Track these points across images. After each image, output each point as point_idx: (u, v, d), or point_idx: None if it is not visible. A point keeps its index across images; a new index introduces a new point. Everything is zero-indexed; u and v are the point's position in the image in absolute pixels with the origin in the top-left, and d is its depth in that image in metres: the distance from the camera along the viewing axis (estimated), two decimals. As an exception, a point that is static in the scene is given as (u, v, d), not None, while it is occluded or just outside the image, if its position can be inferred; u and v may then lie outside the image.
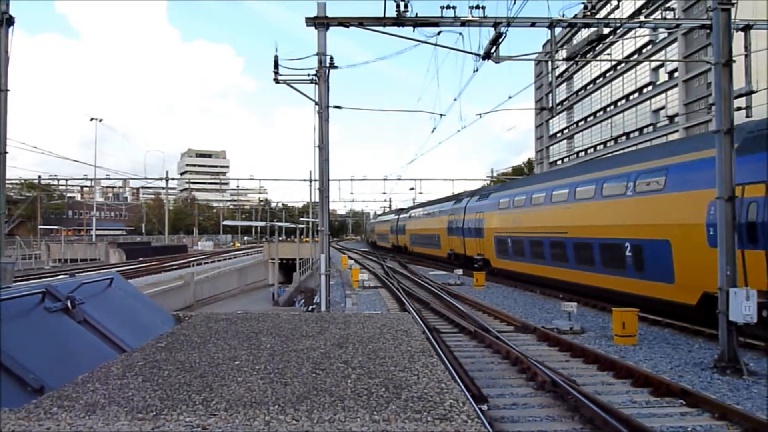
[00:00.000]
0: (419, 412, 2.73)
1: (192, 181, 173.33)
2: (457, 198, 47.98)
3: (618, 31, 19.50)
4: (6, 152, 17.44)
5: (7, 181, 18.75)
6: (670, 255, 17.87)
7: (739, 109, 15.82)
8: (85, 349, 4.31)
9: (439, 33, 19.01)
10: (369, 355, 3.87)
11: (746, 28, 18.36)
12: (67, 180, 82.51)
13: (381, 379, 3.26)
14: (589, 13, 18.85)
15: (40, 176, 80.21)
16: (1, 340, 3.66)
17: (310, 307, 31.08)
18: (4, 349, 3.64)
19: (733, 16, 13.69)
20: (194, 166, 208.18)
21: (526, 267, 29.79)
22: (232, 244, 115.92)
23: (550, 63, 19.75)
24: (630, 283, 20.22)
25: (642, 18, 22.84)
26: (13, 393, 3.43)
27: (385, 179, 77.82)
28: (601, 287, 22.24)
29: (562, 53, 27.94)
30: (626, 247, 20.29)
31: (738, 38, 16.19)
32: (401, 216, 71.11)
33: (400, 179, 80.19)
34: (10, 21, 17.47)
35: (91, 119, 74.59)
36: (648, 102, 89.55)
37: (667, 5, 25.80)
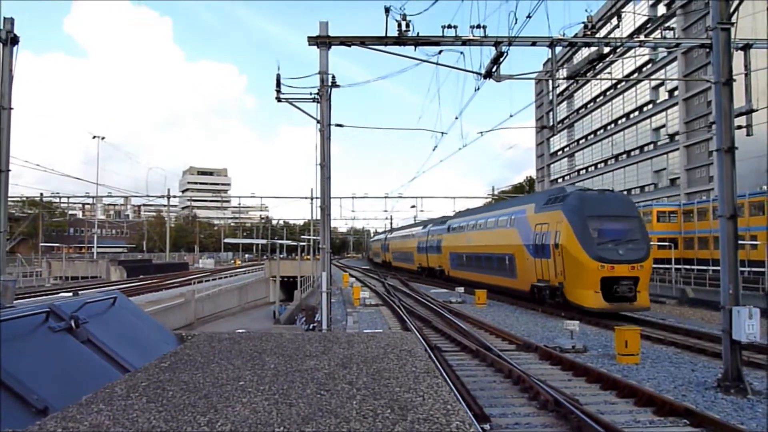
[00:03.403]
0: (425, 434, 2.72)
1: (193, 198, 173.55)
2: (384, 232, 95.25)
3: (618, 50, 19.62)
4: (9, 170, 17.53)
5: (9, 199, 18.80)
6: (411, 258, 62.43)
7: (739, 127, 15.91)
8: (88, 369, 4.30)
9: (440, 52, 19.17)
10: (373, 375, 3.85)
11: (746, 47, 18.50)
12: (68, 197, 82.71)
13: (386, 400, 3.24)
14: (589, 33, 18.98)
15: (42, 194, 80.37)
16: (1, 361, 3.66)
17: (311, 325, 31.00)
18: (7, 369, 3.63)
19: (732, 36, 13.79)
20: (196, 183, 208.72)
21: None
22: (233, 261, 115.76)
23: (550, 82, 19.85)
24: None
25: (642, 37, 22.97)
26: (17, 414, 3.42)
27: (386, 197, 78.08)
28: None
29: (563, 72, 28.07)
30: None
31: (738, 57, 16.29)
32: (383, 236, 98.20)
33: (401, 197, 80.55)
34: (15, 40, 17.63)
35: (94, 137, 74.73)
36: (648, 120, 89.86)
37: (666, 25, 25.97)
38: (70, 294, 5.84)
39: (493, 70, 18.65)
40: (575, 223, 25.69)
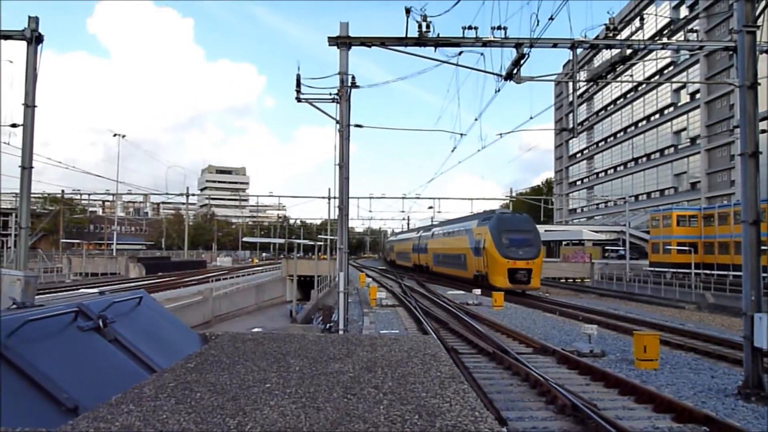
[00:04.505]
0: (454, 441, 2.72)
1: (212, 197, 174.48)
2: (392, 236, 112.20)
3: (639, 53, 19.46)
4: (32, 167, 17.75)
5: (31, 195, 19.03)
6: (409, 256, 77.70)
7: (763, 131, 15.72)
8: (116, 368, 4.35)
9: (460, 53, 19.08)
10: (399, 380, 3.86)
11: (771, 51, 18.25)
12: (89, 194, 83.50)
13: (413, 405, 3.25)
14: (611, 35, 18.82)
15: (63, 191, 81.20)
16: (32, 359, 3.71)
17: (328, 325, 31.06)
18: (38, 367, 3.69)
19: (758, 39, 13.64)
20: (214, 182, 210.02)
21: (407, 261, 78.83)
22: (250, 260, 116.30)
23: (571, 84, 19.74)
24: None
25: (664, 39, 22.77)
26: (49, 413, 3.47)
27: (403, 197, 78.09)
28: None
29: (584, 74, 27.92)
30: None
31: (762, 60, 16.09)
32: (392, 239, 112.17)
33: (418, 198, 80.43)
34: (40, 39, 17.84)
35: (114, 135, 75.56)
36: (669, 123, 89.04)
37: (689, 27, 25.73)
38: (95, 291, 5.92)
39: (514, 71, 18.56)
40: (494, 234, 41.34)
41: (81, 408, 3.51)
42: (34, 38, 17.40)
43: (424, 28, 18.37)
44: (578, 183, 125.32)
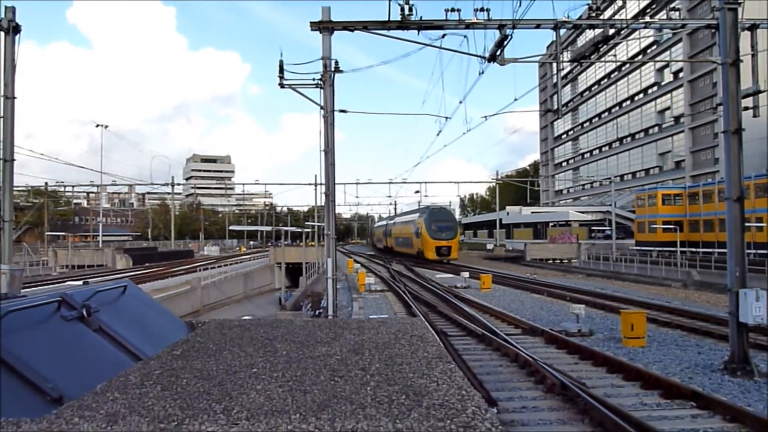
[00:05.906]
0: (442, 419, 2.71)
1: (197, 186, 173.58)
2: (373, 222, 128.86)
3: (623, 32, 19.45)
4: (14, 159, 17.53)
5: (14, 188, 18.81)
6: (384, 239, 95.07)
7: (746, 108, 15.78)
8: (101, 357, 4.31)
9: (443, 36, 18.99)
10: (386, 361, 3.85)
11: (753, 28, 18.29)
12: (73, 186, 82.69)
13: (400, 386, 3.25)
14: (594, 14, 18.78)
15: (47, 183, 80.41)
16: (17, 350, 3.67)
17: (317, 311, 31.07)
18: (22, 357, 3.65)
19: (739, 16, 13.66)
20: (199, 171, 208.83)
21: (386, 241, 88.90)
22: (237, 248, 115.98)
23: (554, 65, 19.70)
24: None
25: (647, 18, 22.76)
26: (33, 403, 3.43)
27: (390, 182, 78.19)
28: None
29: (567, 55, 27.92)
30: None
31: (744, 37, 16.11)
32: (375, 226, 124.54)
33: (405, 182, 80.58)
34: (17, 29, 17.57)
35: (97, 126, 74.87)
36: (653, 103, 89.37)
37: (672, 5, 25.74)
38: (80, 282, 5.85)
39: (498, 53, 18.49)
40: (427, 223, 58.34)
41: (66, 398, 3.48)
42: (11, 28, 17.13)
43: (406, 12, 18.25)
44: (564, 164, 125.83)
